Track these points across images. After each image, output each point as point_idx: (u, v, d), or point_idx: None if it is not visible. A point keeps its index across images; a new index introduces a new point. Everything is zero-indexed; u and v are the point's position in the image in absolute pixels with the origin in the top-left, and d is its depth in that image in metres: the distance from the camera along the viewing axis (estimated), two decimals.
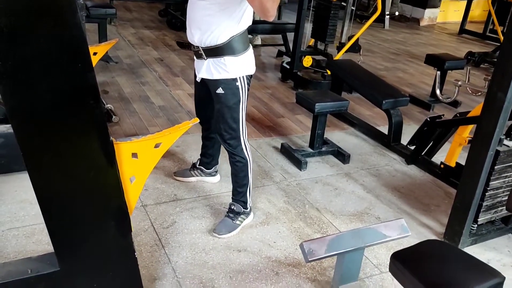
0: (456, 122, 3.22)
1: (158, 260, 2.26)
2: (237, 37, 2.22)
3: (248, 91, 2.37)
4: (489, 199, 2.52)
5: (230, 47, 2.23)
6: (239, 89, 2.31)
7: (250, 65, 2.35)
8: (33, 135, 1.36)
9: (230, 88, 2.29)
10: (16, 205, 2.55)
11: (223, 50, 2.23)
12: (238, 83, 2.30)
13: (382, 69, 6.08)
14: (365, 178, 3.26)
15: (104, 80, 4.60)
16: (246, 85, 2.34)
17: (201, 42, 2.26)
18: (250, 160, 2.47)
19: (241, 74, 2.30)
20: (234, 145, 2.41)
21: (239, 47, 2.25)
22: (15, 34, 1.19)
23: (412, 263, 1.72)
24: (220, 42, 2.21)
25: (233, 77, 2.28)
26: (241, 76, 2.30)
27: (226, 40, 2.21)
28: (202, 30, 2.24)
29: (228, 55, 2.23)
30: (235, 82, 2.29)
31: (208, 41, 2.23)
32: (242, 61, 2.28)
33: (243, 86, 2.32)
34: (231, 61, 2.25)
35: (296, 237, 2.54)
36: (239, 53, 2.25)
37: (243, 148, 2.43)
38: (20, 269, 1.55)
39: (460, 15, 9.14)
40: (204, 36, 2.23)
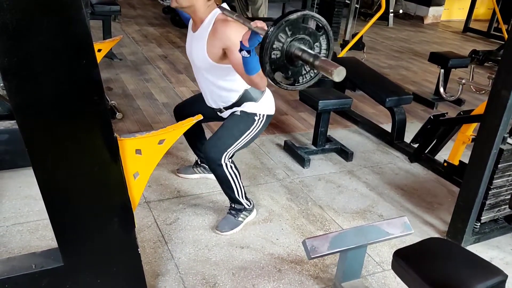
0: (459, 120, 3.21)
1: (161, 256, 2.27)
2: (250, 88, 2.30)
3: (260, 131, 2.38)
4: (492, 198, 2.51)
5: (246, 97, 2.32)
6: (255, 123, 2.34)
7: (270, 106, 2.41)
8: (38, 131, 1.37)
9: (247, 117, 2.34)
10: (21, 200, 2.57)
11: (240, 102, 2.33)
12: (257, 117, 2.35)
13: (386, 67, 6.07)
14: (368, 175, 3.26)
15: (108, 77, 4.61)
16: (262, 124, 2.36)
17: (218, 105, 2.40)
18: (232, 174, 2.35)
19: (262, 112, 2.35)
20: (213, 163, 2.31)
21: (256, 95, 2.33)
22: (20, 30, 1.20)
23: (414, 261, 1.72)
24: (234, 100, 2.33)
25: (253, 112, 2.34)
26: (261, 114, 2.35)
27: (239, 96, 2.31)
28: (213, 97, 2.37)
29: (247, 101, 2.33)
30: (253, 116, 2.34)
31: (223, 103, 2.36)
32: (262, 103, 2.36)
33: (259, 124, 2.35)
34: (250, 105, 2.34)
35: (298, 234, 2.54)
36: (257, 99, 2.34)
37: (223, 167, 2.31)
38: (25, 264, 1.56)
39: (465, 13, 9.10)
40: (219, 100, 2.37)
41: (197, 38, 2.21)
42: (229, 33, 2.05)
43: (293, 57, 1.41)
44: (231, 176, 2.36)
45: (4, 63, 1.23)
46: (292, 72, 1.46)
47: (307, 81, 1.52)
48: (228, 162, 2.33)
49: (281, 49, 1.40)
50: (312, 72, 1.50)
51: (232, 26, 2.06)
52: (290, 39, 1.39)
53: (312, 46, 1.43)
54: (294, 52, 1.39)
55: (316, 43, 1.44)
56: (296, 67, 1.46)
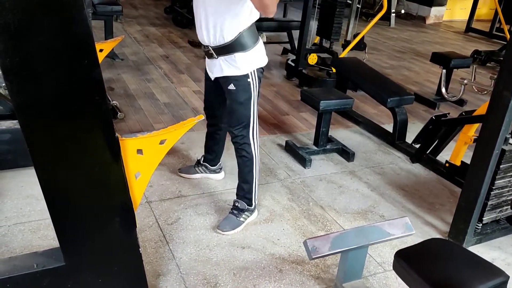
0: (461, 120, 3.21)
1: (162, 256, 2.28)
2: (245, 32, 2.23)
3: (259, 84, 2.38)
4: (494, 198, 2.51)
5: (239, 43, 2.25)
6: (251, 85, 2.33)
7: (261, 58, 2.37)
8: (40, 131, 1.37)
9: (241, 84, 2.32)
10: (22, 200, 2.57)
11: (232, 47, 2.25)
12: (249, 79, 2.32)
13: (388, 67, 6.06)
14: (369, 176, 3.25)
15: (110, 77, 4.62)
16: (257, 80, 2.36)
17: (210, 41, 2.28)
18: (257, 157, 2.47)
19: (252, 68, 2.32)
20: (241, 140, 2.42)
21: (248, 42, 2.27)
22: (22, 30, 1.20)
23: (416, 261, 1.72)
24: (229, 39, 2.23)
25: (244, 73, 2.30)
26: (252, 71, 2.32)
27: (235, 36, 2.22)
28: (209, 29, 2.26)
29: (238, 51, 2.26)
30: (246, 78, 2.31)
31: (217, 40, 2.26)
32: (253, 55, 2.30)
33: (255, 81, 2.34)
34: (241, 57, 2.27)
35: (300, 235, 2.54)
36: (248, 48, 2.27)
37: (250, 144, 2.43)
38: (26, 264, 1.57)
39: (467, 13, 9.08)
40: (212, 35, 2.25)
41: None
42: None
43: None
44: (256, 158, 2.44)
45: (6, 63, 1.23)
46: None
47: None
48: (256, 142, 2.43)
49: None
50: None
51: None
52: None
53: None
54: None
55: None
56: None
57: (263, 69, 2.41)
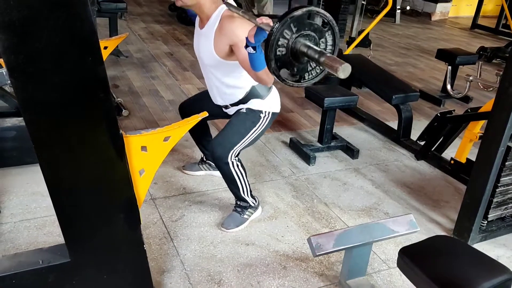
0: (467, 117, 3.19)
1: (166, 253, 2.28)
2: (257, 85, 2.30)
3: (266, 128, 2.39)
4: (500, 196, 2.50)
5: (252, 94, 2.33)
6: (260, 120, 2.35)
7: (276, 104, 2.42)
8: (45, 128, 1.38)
9: (253, 113, 2.35)
10: (28, 197, 2.59)
11: (247, 99, 2.34)
12: (262, 114, 2.35)
13: (393, 64, 6.04)
14: (374, 173, 3.24)
15: (114, 74, 4.63)
16: (267, 122, 2.37)
17: (225, 102, 2.40)
18: (239, 173, 2.36)
19: (267, 110, 2.36)
20: (218, 162, 2.31)
21: (261, 92, 2.34)
22: (26, 27, 1.20)
23: (420, 258, 1.72)
24: (241, 97, 2.33)
25: (259, 109, 2.35)
26: (267, 111, 2.36)
27: (246, 93, 2.32)
28: (221, 92, 2.36)
29: (253, 99, 2.33)
30: (259, 113, 2.35)
31: (230, 100, 2.37)
32: (268, 102, 2.36)
33: (265, 121, 2.36)
34: (257, 102, 2.34)
35: (304, 232, 2.54)
36: (263, 96, 2.34)
37: (229, 165, 2.31)
38: (32, 260, 1.58)
39: (473, 9, 9.03)
40: (225, 97, 2.37)
41: (204, 35, 2.21)
42: (235, 29, 2.05)
43: (299, 53, 1.40)
44: (237, 175, 2.36)
45: (11, 60, 1.24)
46: (297, 68, 1.46)
47: (312, 78, 1.51)
48: (234, 160, 2.32)
49: (286, 46, 1.39)
50: (318, 68, 1.49)
51: (238, 22, 2.06)
52: (295, 36, 1.38)
53: (317, 42, 1.42)
54: (299, 49, 1.39)
55: (322, 39, 1.43)
56: (301, 63, 1.45)
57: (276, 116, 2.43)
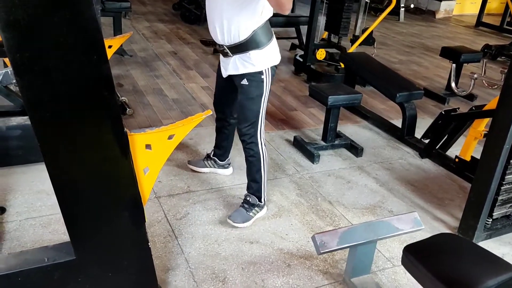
0: (471, 115, 3.18)
1: (171, 251, 2.29)
2: (259, 30, 2.25)
3: (272, 82, 2.39)
4: (505, 193, 2.49)
5: (254, 41, 2.26)
6: (264, 82, 2.34)
7: (275, 55, 2.39)
8: (50, 127, 1.38)
9: (255, 80, 2.33)
10: (33, 195, 2.60)
11: (247, 45, 2.27)
12: (263, 75, 2.33)
13: (396, 62, 6.02)
14: (378, 171, 3.24)
15: (118, 73, 4.64)
16: (270, 77, 2.37)
17: (224, 40, 2.30)
18: (265, 156, 2.48)
19: (267, 66, 2.34)
20: (248, 139, 2.43)
21: (263, 40, 2.28)
22: (31, 26, 1.21)
23: (425, 256, 1.71)
24: (243, 37, 2.25)
25: (259, 70, 2.32)
26: (266, 68, 2.34)
27: (249, 35, 2.24)
28: (223, 29, 2.28)
29: (253, 49, 2.27)
30: (260, 74, 2.33)
31: (231, 38, 2.27)
32: (267, 52, 2.32)
33: (268, 78, 2.35)
34: (256, 54, 2.29)
35: (308, 230, 2.54)
36: (263, 45, 2.28)
37: (258, 143, 2.43)
38: (37, 258, 1.58)
39: (477, 7, 8.98)
40: (227, 34, 2.27)
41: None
42: None
43: None
44: (264, 157, 2.45)
45: (16, 59, 1.24)
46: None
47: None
48: (263, 140, 2.42)
49: None
50: None
51: None
52: None
53: None
54: None
55: None
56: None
57: (276, 67, 2.42)
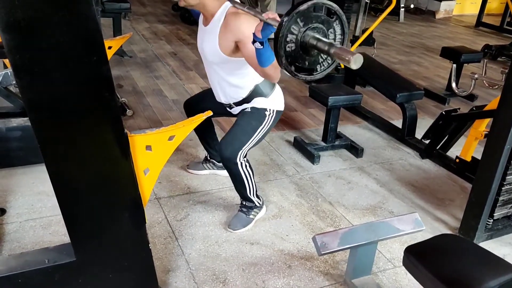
0: (472, 115, 3.17)
1: (171, 252, 2.29)
2: (261, 84, 2.30)
3: (272, 126, 2.38)
4: (506, 194, 2.48)
5: (256, 93, 2.32)
6: (265, 118, 2.34)
7: (280, 102, 2.41)
8: (50, 128, 1.38)
9: (258, 112, 2.34)
10: (34, 196, 2.60)
11: (251, 97, 2.33)
12: (267, 112, 2.34)
13: (397, 63, 6.02)
14: (378, 172, 3.24)
15: (118, 74, 4.64)
16: (273, 120, 2.36)
17: (228, 101, 2.39)
18: (246, 174, 2.36)
19: (272, 108, 2.35)
20: (227, 162, 2.31)
21: (266, 90, 2.33)
22: (31, 27, 1.21)
23: (426, 257, 1.71)
24: (245, 95, 2.32)
25: (263, 107, 2.34)
26: (271, 109, 2.35)
27: (250, 91, 2.31)
28: (225, 91, 2.35)
29: (257, 97, 2.32)
30: (264, 110, 2.34)
31: (234, 98, 2.36)
32: (272, 99, 2.35)
33: (270, 119, 2.35)
34: (261, 100, 2.33)
35: (308, 231, 2.54)
36: (267, 95, 2.34)
37: (237, 164, 2.30)
38: (38, 259, 1.58)
39: (477, 7, 8.98)
40: (229, 95, 2.36)
41: (208, 33, 2.20)
42: (241, 26, 2.04)
43: (308, 47, 1.39)
44: (245, 175, 2.36)
45: (16, 60, 1.24)
46: (309, 62, 1.45)
47: (325, 69, 1.50)
48: (243, 161, 2.32)
49: (295, 41, 1.39)
50: (329, 59, 1.49)
51: (244, 19, 2.05)
52: (303, 30, 1.37)
53: (326, 34, 1.41)
54: (308, 42, 1.38)
55: (330, 29, 1.42)
56: (312, 56, 1.45)
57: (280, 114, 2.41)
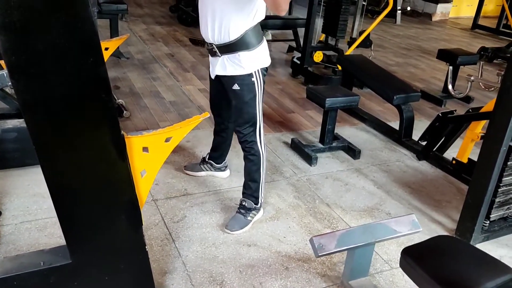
0: (468, 117, 3.19)
1: (168, 254, 2.28)
2: (250, 31, 2.21)
3: (263, 84, 2.37)
4: (502, 195, 2.49)
5: (244, 42, 2.23)
6: (255, 84, 2.32)
7: (265, 58, 2.35)
8: (46, 129, 1.37)
9: (246, 84, 2.30)
10: (29, 198, 2.58)
11: (237, 45, 2.23)
12: (253, 78, 2.30)
13: (394, 65, 6.03)
14: (375, 173, 3.24)
15: (115, 76, 4.63)
16: (261, 79, 2.35)
17: (214, 39, 2.26)
18: (264, 155, 2.47)
19: (256, 68, 2.30)
20: (249, 138, 2.41)
21: (253, 41, 2.25)
22: (27, 28, 1.20)
23: (423, 258, 1.71)
24: (234, 38, 2.21)
25: (248, 73, 2.29)
26: (256, 70, 2.31)
27: (240, 35, 2.21)
28: (214, 27, 2.24)
29: (243, 50, 2.23)
30: (250, 77, 2.30)
31: (222, 37, 2.23)
32: (257, 55, 2.28)
33: (259, 81, 2.33)
34: (245, 56, 2.25)
35: (306, 232, 2.54)
36: (253, 47, 2.25)
37: (257, 142, 2.42)
38: (33, 261, 1.58)
39: (473, 10, 9.01)
40: (217, 33, 2.23)
41: None
42: None
43: None
44: (263, 156, 2.44)
45: (11, 61, 1.24)
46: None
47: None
48: (263, 140, 2.42)
49: None
50: None
51: None
52: None
53: None
54: None
55: None
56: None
57: (267, 69, 2.40)
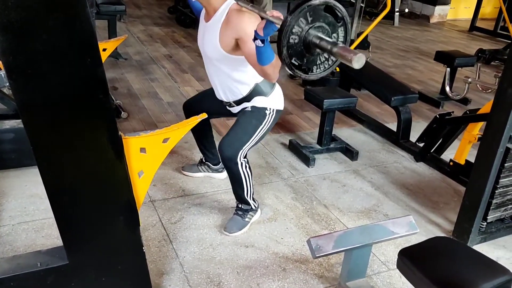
0: (466, 119, 3.19)
1: (166, 255, 2.28)
2: (261, 83, 2.30)
3: (272, 125, 2.38)
4: (499, 197, 2.49)
5: (256, 92, 2.32)
6: (265, 117, 2.34)
7: (280, 101, 2.41)
8: (43, 130, 1.37)
9: (258, 112, 2.34)
10: (26, 199, 2.58)
11: (251, 96, 2.33)
12: (267, 111, 2.35)
13: (391, 66, 6.04)
14: (373, 175, 3.24)
15: (113, 77, 4.62)
16: (273, 118, 2.37)
17: (228, 98, 2.39)
18: (246, 174, 2.36)
19: (272, 106, 2.35)
20: (227, 162, 2.31)
21: (265, 90, 2.33)
22: (25, 28, 1.20)
23: (420, 260, 1.71)
24: (245, 93, 2.32)
25: (264, 106, 2.34)
26: (271, 108, 2.35)
27: (250, 89, 2.31)
28: (225, 89, 2.35)
29: (257, 96, 2.32)
30: (264, 109, 2.34)
31: (235, 96, 2.35)
32: (272, 99, 2.36)
33: (270, 118, 2.36)
34: (261, 99, 2.33)
35: (303, 234, 2.54)
36: (267, 94, 2.34)
37: (237, 164, 2.31)
38: (30, 262, 1.57)
39: (471, 12, 9.04)
40: (229, 93, 2.36)
41: (209, 28, 2.19)
42: (243, 23, 2.04)
43: (311, 44, 1.41)
44: (245, 176, 2.36)
45: (9, 62, 1.23)
46: (307, 60, 1.46)
47: (320, 72, 1.52)
48: (243, 161, 2.33)
49: (299, 35, 1.40)
50: (327, 63, 1.50)
51: (246, 16, 2.05)
52: (309, 26, 1.39)
53: (330, 36, 1.43)
54: (312, 40, 1.40)
55: (334, 34, 1.44)
56: (312, 55, 1.46)
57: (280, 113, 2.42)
